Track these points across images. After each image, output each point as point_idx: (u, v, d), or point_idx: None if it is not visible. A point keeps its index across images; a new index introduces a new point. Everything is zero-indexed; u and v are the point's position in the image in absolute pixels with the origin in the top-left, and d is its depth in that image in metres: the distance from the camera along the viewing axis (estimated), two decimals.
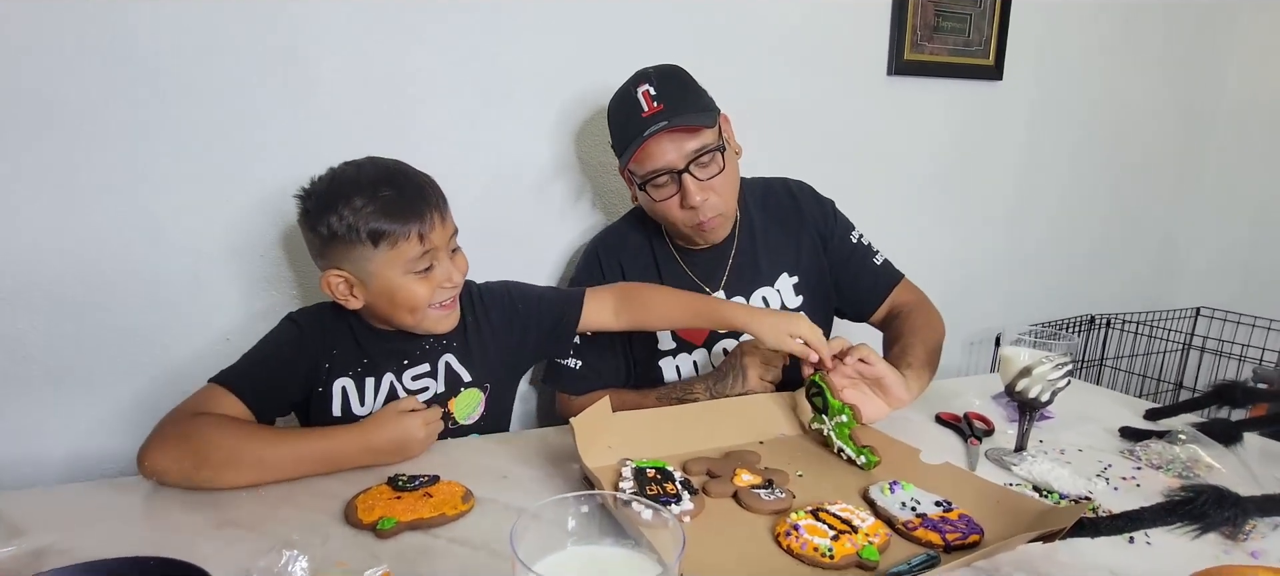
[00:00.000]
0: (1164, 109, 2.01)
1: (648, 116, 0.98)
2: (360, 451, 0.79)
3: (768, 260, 1.13)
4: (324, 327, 0.90)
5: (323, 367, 0.88)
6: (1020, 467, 0.85)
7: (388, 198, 0.81)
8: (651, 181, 1.01)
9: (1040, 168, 1.86)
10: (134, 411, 1.06)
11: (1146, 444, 0.93)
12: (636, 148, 0.99)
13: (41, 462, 1.03)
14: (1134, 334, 2.00)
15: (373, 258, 0.82)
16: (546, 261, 1.32)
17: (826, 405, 0.88)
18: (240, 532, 0.66)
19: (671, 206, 1.03)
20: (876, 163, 1.63)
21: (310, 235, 0.85)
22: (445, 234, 0.86)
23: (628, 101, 1.01)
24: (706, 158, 1.00)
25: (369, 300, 0.85)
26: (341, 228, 0.81)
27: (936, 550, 0.66)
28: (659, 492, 0.73)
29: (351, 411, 0.89)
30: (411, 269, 0.83)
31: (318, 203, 0.83)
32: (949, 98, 1.68)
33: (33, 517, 0.67)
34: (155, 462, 0.72)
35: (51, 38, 0.93)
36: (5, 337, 0.98)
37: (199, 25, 1.00)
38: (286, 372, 0.87)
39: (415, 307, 0.85)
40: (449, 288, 0.87)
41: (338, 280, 0.84)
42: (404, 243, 0.82)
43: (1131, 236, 2.08)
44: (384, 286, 0.83)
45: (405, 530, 0.66)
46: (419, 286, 0.84)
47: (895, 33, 1.58)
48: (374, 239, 0.81)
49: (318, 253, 0.85)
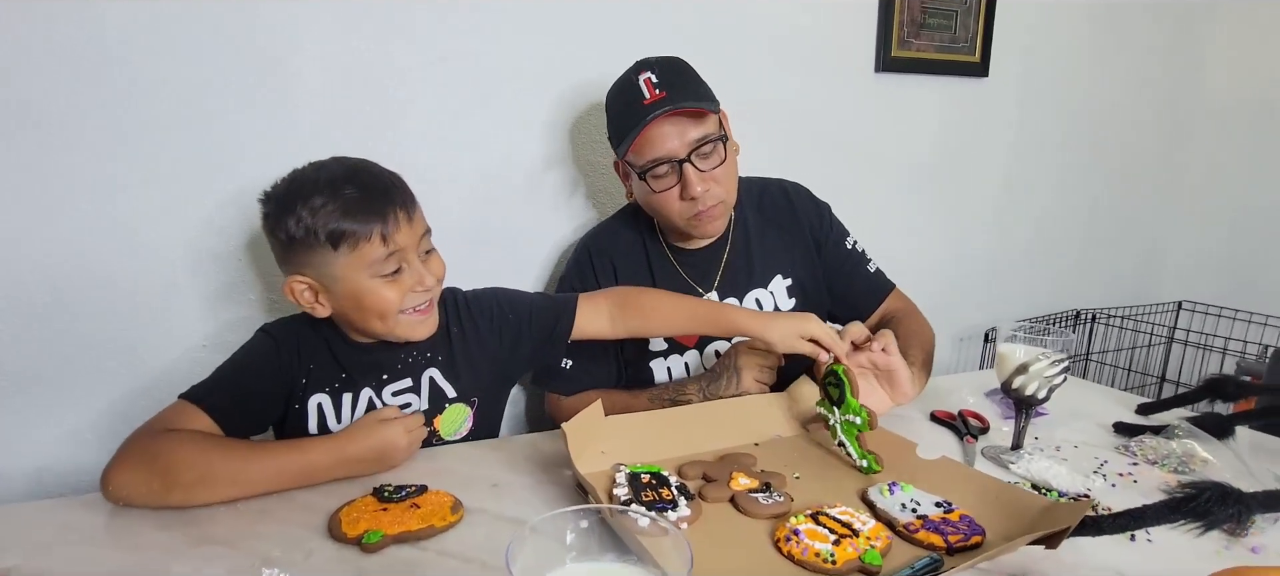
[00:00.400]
0: (1147, 105, 2.03)
1: (649, 103, 0.95)
2: (338, 463, 0.75)
3: (761, 261, 1.12)
4: (299, 340, 0.85)
5: (299, 383, 0.84)
6: (1018, 466, 0.84)
7: (349, 196, 0.77)
8: (651, 171, 0.98)
9: (1027, 163, 1.87)
10: (106, 421, 1.02)
11: (1141, 439, 0.92)
12: (637, 134, 0.96)
13: (8, 477, 0.99)
14: (1119, 328, 2.02)
15: (334, 261, 0.77)
16: (537, 261, 1.29)
17: (842, 398, 0.85)
18: (217, 550, 0.63)
19: (670, 198, 1.00)
20: (865, 159, 1.62)
21: (271, 240, 0.81)
22: (414, 235, 0.81)
23: (628, 89, 0.99)
24: (708, 147, 0.98)
25: (336, 307, 0.81)
26: (300, 230, 0.76)
27: (939, 553, 0.65)
28: (655, 498, 0.71)
29: (328, 429, 0.85)
30: (377, 272, 0.79)
31: (277, 205, 0.78)
32: (936, 94, 1.68)
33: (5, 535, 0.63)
34: (121, 485, 0.68)
35: (18, 38, 0.89)
36: None
37: (173, 25, 0.96)
38: (261, 388, 0.82)
39: (385, 313, 0.80)
40: (422, 291, 0.82)
41: (301, 286, 0.79)
42: (366, 244, 0.77)
43: (1116, 232, 2.09)
44: (349, 290, 0.79)
45: (392, 543, 0.64)
46: (387, 290, 0.79)
47: (882, 29, 1.57)
48: (333, 240, 0.76)
49: (280, 257, 0.81)
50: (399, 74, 1.11)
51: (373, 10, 1.08)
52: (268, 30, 1.01)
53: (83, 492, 0.73)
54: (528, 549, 0.39)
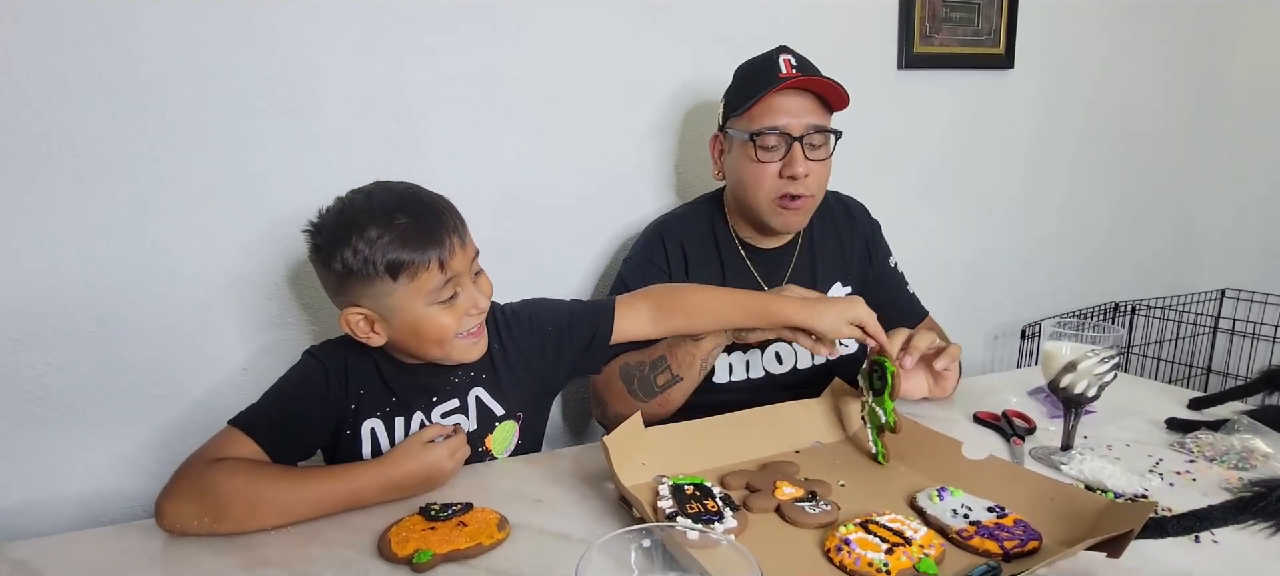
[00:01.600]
0: (1175, 88, 1.98)
1: (784, 76, 0.99)
2: (384, 487, 0.75)
3: (823, 267, 1.14)
4: (347, 366, 0.84)
5: (348, 409, 0.83)
6: (1069, 467, 0.82)
7: (404, 226, 0.76)
8: (762, 138, 1.00)
9: (1054, 154, 1.84)
10: (153, 447, 1.04)
11: (1197, 435, 0.90)
12: (761, 97, 0.99)
13: (61, 503, 1.01)
14: (1159, 319, 1.97)
15: (393, 292, 0.76)
16: (561, 272, 1.30)
17: (882, 392, 0.85)
18: (271, 572, 0.63)
19: (768, 172, 1.01)
20: (889, 158, 1.60)
21: (324, 272, 0.79)
22: (466, 258, 0.81)
23: (765, 63, 1.03)
24: (820, 138, 1.02)
25: (392, 336, 0.80)
26: (357, 262, 0.75)
27: (996, 559, 0.64)
28: (700, 510, 0.70)
29: (381, 452, 0.84)
30: (435, 299, 0.78)
31: (329, 237, 0.77)
32: (960, 88, 1.66)
33: (57, 566, 0.65)
34: (175, 515, 0.68)
35: (55, 72, 0.92)
36: (23, 377, 0.96)
37: (201, 54, 0.98)
38: (312, 415, 0.82)
39: (443, 339, 0.79)
40: (475, 314, 0.81)
41: (357, 317, 0.78)
42: (425, 273, 0.76)
43: (1150, 219, 2.04)
44: (407, 321, 0.78)
45: (442, 562, 0.64)
46: (444, 316, 0.79)
47: (903, 26, 1.56)
48: (393, 272, 0.75)
49: (334, 289, 0.80)
50: (420, 92, 1.13)
51: (390, 31, 1.09)
52: (290, 55, 1.03)
53: (135, 518, 0.74)
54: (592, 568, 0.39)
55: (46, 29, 0.90)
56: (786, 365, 1.12)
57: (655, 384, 0.97)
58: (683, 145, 1.36)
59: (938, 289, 1.69)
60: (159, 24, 0.95)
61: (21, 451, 0.97)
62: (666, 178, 1.36)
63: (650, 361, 0.98)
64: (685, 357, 0.96)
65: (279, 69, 1.03)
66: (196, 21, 0.97)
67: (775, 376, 1.11)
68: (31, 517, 0.99)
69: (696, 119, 1.36)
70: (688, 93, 1.34)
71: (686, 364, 0.96)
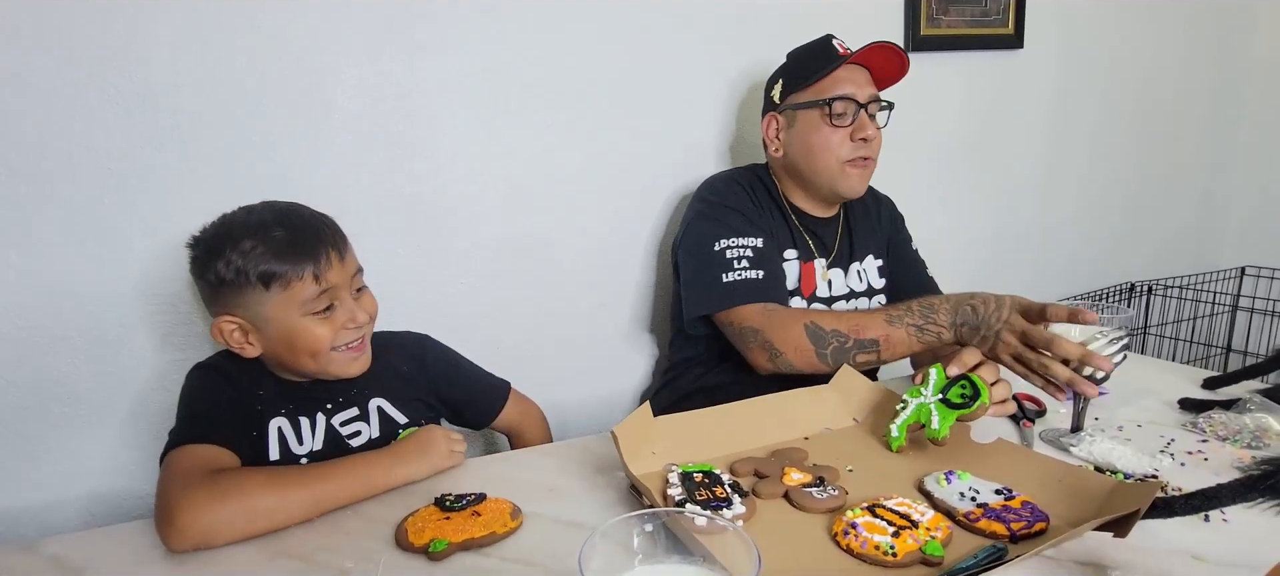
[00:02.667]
0: (1193, 63, 1.94)
1: (845, 54, 1.09)
2: (393, 460, 0.79)
3: (860, 240, 1.22)
4: (240, 370, 0.85)
5: (254, 409, 0.84)
6: (1079, 448, 0.82)
7: (279, 238, 0.78)
8: (834, 104, 1.08)
9: (1068, 133, 1.81)
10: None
11: (1210, 415, 0.89)
12: (832, 70, 1.09)
13: (89, 500, 1.04)
14: (1177, 299, 1.94)
15: (266, 301, 0.78)
16: (572, 268, 1.31)
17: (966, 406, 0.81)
18: (294, 563, 0.66)
19: (839, 137, 1.09)
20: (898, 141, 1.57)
21: (200, 283, 0.81)
22: (346, 273, 0.82)
23: (822, 45, 1.13)
24: (878, 108, 1.12)
25: (266, 347, 0.81)
26: (230, 272, 0.77)
27: (1003, 541, 0.64)
28: (709, 497, 0.71)
29: (291, 452, 0.84)
30: (310, 310, 0.79)
31: (205, 249, 0.79)
32: (969, 70, 1.64)
33: (93, 560, 0.67)
34: (198, 528, 0.67)
35: (75, 85, 0.94)
36: (51, 379, 0.99)
37: (213, 59, 1.00)
38: (233, 415, 0.82)
39: (316, 351, 0.80)
40: (353, 328, 0.82)
41: (231, 326, 0.79)
42: (298, 283, 0.78)
43: (1167, 198, 2.01)
44: (281, 331, 0.79)
45: (457, 551, 0.66)
46: (319, 327, 0.80)
47: (909, 9, 1.54)
48: (265, 281, 0.77)
49: (209, 299, 0.81)
50: (428, 92, 1.14)
51: (400, 32, 1.10)
52: (301, 57, 1.05)
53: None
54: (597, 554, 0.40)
55: (65, 45, 0.93)
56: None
57: (855, 360, 0.98)
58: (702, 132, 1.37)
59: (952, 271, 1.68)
60: (171, 33, 0.97)
61: (50, 450, 1.01)
62: (682, 167, 1.37)
63: (857, 340, 0.98)
64: (903, 348, 0.96)
65: (290, 71, 1.05)
66: (208, 29, 0.99)
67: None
68: (61, 514, 1.03)
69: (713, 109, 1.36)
70: (703, 83, 1.35)
71: (901, 352, 0.97)
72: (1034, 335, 0.84)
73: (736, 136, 1.41)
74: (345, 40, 1.07)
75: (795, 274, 1.14)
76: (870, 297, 1.20)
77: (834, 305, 1.16)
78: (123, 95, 0.96)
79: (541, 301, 1.29)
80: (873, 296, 1.21)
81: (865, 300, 1.20)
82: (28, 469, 1.00)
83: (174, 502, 0.68)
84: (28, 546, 0.70)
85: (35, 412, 0.99)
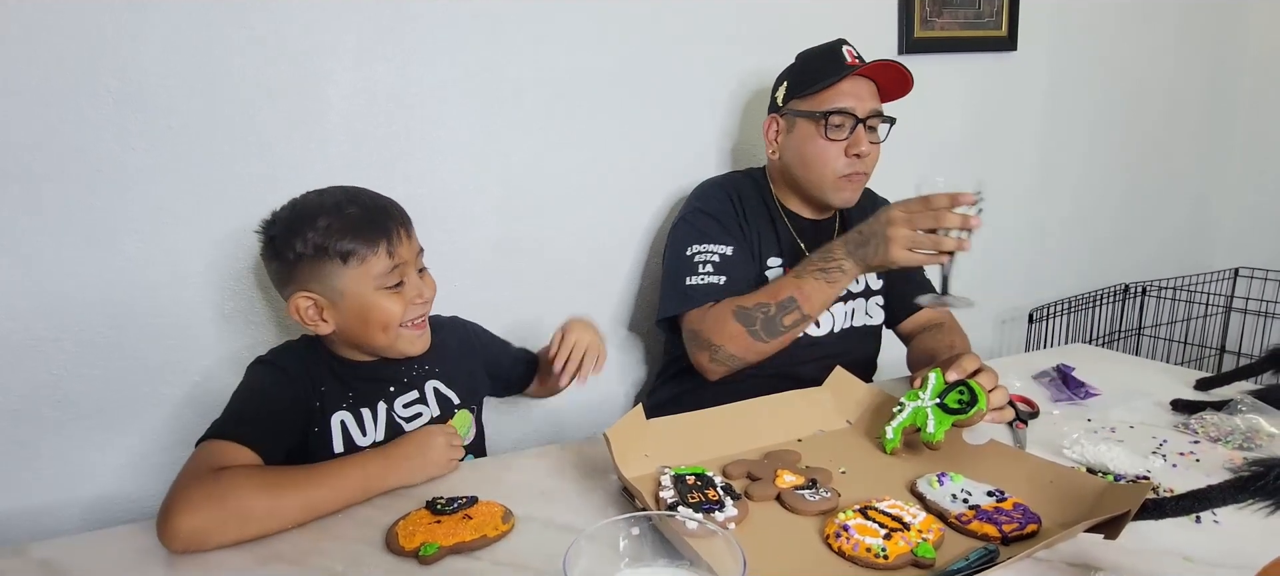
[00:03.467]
0: (1186, 66, 1.95)
1: (852, 64, 1.08)
2: (388, 464, 0.79)
3: None
4: (302, 364, 0.86)
5: (314, 406, 0.85)
6: (1072, 450, 0.82)
7: (354, 215, 0.82)
8: (833, 116, 1.07)
9: (1061, 136, 1.82)
10: (169, 447, 1.07)
11: (1202, 416, 0.89)
12: (834, 83, 1.07)
13: (79, 504, 1.04)
14: (1171, 300, 1.95)
15: (343, 275, 0.81)
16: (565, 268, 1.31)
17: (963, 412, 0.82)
18: (285, 567, 0.65)
19: (835, 150, 1.09)
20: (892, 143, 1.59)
21: (276, 264, 0.84)
22: (412, 250, 0.86)
23: (831, 52, 1.11)
24: (877, 122, 1.11)
25: (339, 322, 0.83)
26: (309, 249, 0.80)
27: (994, 543, 0.64)
28: (701, 499, 0.71)
29: (355, 444, 0.86)
30: (382, 284, 0.83)
31: (283, 228, 0.82)
32: (963, 72, 1.64)
33: (83, 564, 0.67)
34: (193, 530, 0.67)
35: (67, 87, 0.94)
36: (42, 382, 0.99)
37: (207, 63, 1.00)
38: (283, 412, 0.83)
39: (388, 324, 0.83)
40: (420, 304, 0.86)
41: (306, 303, 0.82)
42: (373, 257, 0.81)
43: (1161, 200, 2.02)
44: (355, 304, 0.82)
45: (448, 554, 0.66)
46: (391, 302, 0.83)
47: (903, 11, 1.55)
48: (343, 256, 0.80)
49: (285, 279, 0.83)
50: (422, 93, 1.14)
51: (393, 34, 1.10)
52: (295, 61, 1.05)
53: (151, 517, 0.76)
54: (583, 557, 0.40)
55: (57, 46, 0.92)
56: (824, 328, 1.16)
57: (782, 324, 1.01)
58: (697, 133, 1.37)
59: None
60: (165, 36, 0.97)
61: (41, 454, 1.00)
62: (679, 168, 1.37)
63: (777, 303, 1.01)
64: (819, 298, 1.00)
65: (284, 75, 1.05)
66: (202, 31, 0.99)
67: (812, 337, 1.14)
68: (54, 517, 1.02)
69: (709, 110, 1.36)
70: (698, 84, 1.35)
71: (820, 303, 1.00)
72: (915, 208, 0.92)
73: (737, 139, 1.41)
74: (338, 42, 1.07)
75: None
76: (867, 298, 1.20)
77: (831, 308, 1.15)
78: (114, 97, 0.96)
79: (535, 303, 1.28)
80: (871, 297, 1.21)
81: (862, 301, 1.20)
82: (21, 472, 0.99)
83: (172, 502, 0.68)
84: (17, 549, 0.70)
85: (27, 416, 0.98)
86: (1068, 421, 0.93)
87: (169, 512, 0.67)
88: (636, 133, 1.32)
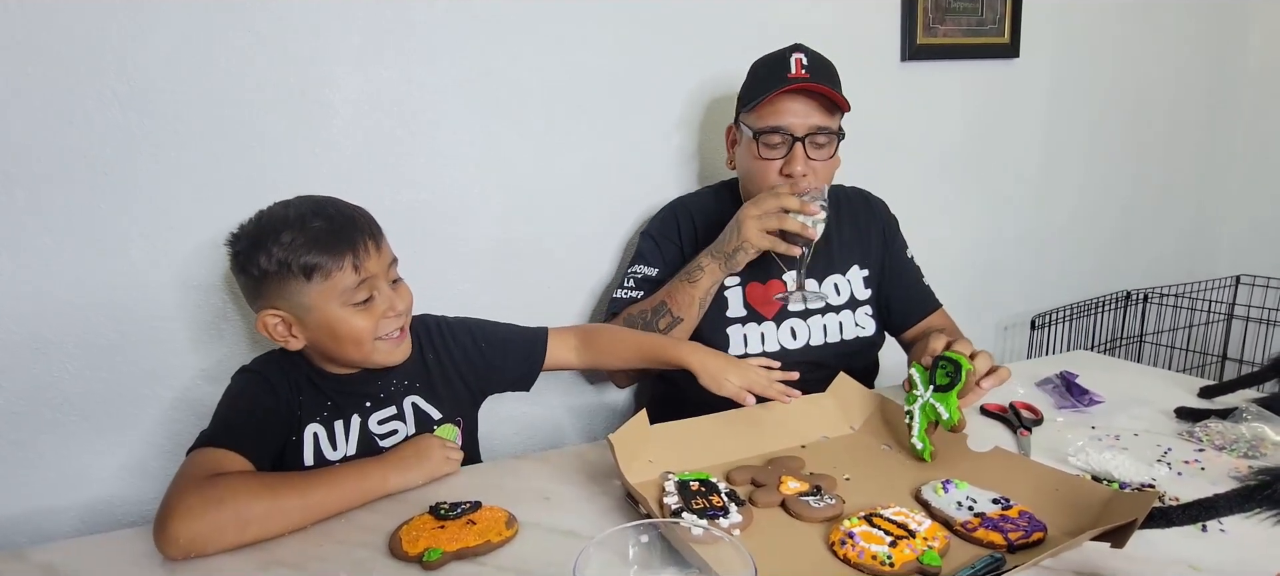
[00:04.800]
0: (1188, 73, 1.96)
1: (792, 77, 1.02)
2: (387, 467, 0.79)
3: (840, 251, 1.17)
4: (283, 372, 0.86)
5: (294, 415, 0.85)
6: (1077, 458, 0.82)
7: (318, 229, 0.79)
8: (765, 137, 1.04)
9: (1063, 143, 1.82)
10: (170, 452, 1.06)
11: (1206, 424, 0.89)
12: (768, 96, 1.02)
13: (79, 508, 1.03)
14: (1173, 307, 1.95)
15: (307, 291, 0.79)
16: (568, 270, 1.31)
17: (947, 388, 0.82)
18: (285, 572, 0.65)
19: (770, 169, 1.05)
20: (894, 150, 1.60)
21: (243, 278, 0.82)
22: (382, 263, 0.84)
23: (777, 61, 1.06)
24: (824, 138, 1.05)
25: (309, 338, 0.82)
26: (272, 265, 0.78)
27: (1000, 551, 0.64)
28: (705, 505, 0.71)
29: (325, 457, 0.85)
30: (349, 300, 0.81)
31: (248, 243, 0.80)
32: (965, 79, 1.65)
33: (85, 568, 0.67)
34: (192, 536, 0.66)
35: (72, 90, 0.94)
36: (43, 384, 0.98)
37: (211, 68, 1.00)
38: (270, 420, 0.83)
39: (360, 340, 0.82)
40: (393, 317, 0.84)
41: (274, 320, 0.81)
42: (338, 273, 0.79)
43: (1163, 207, 2.02)
44: (322, 320, 0.80)
45: (452, 560, 0.65)
46: (359, 318, 0.81)
47: (906, 17, 1.55)
48: (307, 272, 0.78)
49: (252, 294, 0.82)
50: (426, 97, 1.14)
51: (396, 39, 1.10)
52: (299, 66, 1.05)
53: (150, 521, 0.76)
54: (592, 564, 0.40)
55: (62, 50, 0.93)
56: (800, 341, 1.14)
57: (657, 327, 1.06)
58: (699, 139, 1.37)
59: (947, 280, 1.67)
60: (169, 40, 0.97)
61: (45, 457, 1.00)
62: (683, 171, 1.37)
63: (652, 308, 1.07)
64: (684, 299, 1.05)
65: (289, 79, 1.05)
66: (206, 36, 0.99)
67: (790, 351, 1.13)
68: (54, 521, 1.02)
69: (710, 112, 1.37)
70: (701, 86, 1.35)
71: (686, 304, 1.05)
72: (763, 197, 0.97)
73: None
74: (343, 48, 1.07)
75: (740, 299, 1.12)
76: (853, 309, 1.15)
77: (809, 320, 1.13)
78: (119, 100, 0.96)
79: (537, 305, 1.28)
80: (857, 308, 1.16)
81: (849, 313, 1.15)
82: (22, 475, 0.99)
83: (169, 508, 0.67)
84: (18, 554, 0.69)
85: (28, 419, 0.98)
86: (1072, 429, 0.93)
87: (166, 519, 0.67)
88: (638, 136, 1.32)
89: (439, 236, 1.19)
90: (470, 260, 1.22)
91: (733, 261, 1.01)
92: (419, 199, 1.16)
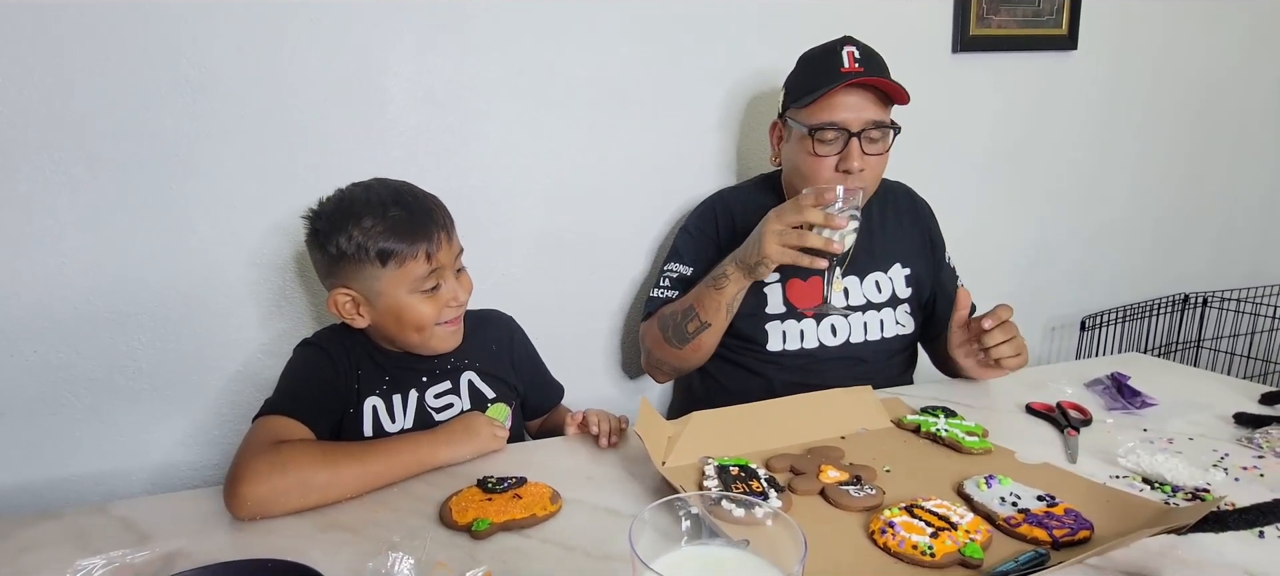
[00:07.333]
0: (1255, 66, 1.86)
1: (846, 71, 1.01)
2: (437, 441, 0.82)
3: (883, 248, 1.16)
4: (343, 347, 0.89)
5: (353, 388, 0.88)
6: (1127, 459, 0.80)
7: (396, 217, 0.82)
8: (820, 132, 1.03)
9: (1120, 138, 1.76)
10: (231, 420, 1.12)
11: (1267, 430, 0.86)
12: (824, 93, 1.01)
13: (150, 469, 1.10)
14: (1234, 312, 1.87)
15: (381, 276, 0.82)
16: (610, 262, 1.33)
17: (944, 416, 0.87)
18: (344, 536, 0.68)
19: (825, 165, 1.04)
20: (944, 145, 1.57)
21: (319, 255, 0.86)
22: (452, 253, 0.87)
23: (829, 55, 1.05)
24: (879, 133, 1.04)
25: (375, 319, 0.86)
26: (350, 247, 0.81)
27: (1045, 547, 0.63)
28: (744, 490, 0.72)
29: (383, 429, 0.89)
30: (418, 288, 0.84)
31: (327, 222, 0.83)
32: (1019, 71, 1.60)
33: (158, 524, 0.71)
34: (259, 499, 0.70)
35: (149, 78, 0.99)
36: (118, 354, 1.05)
37: (276, 57, 1.05)
38: (329, 391, 0.87)
39: (422, 326, 0.85)
40: (454, 306, 0.87)
41: (345, 298, 0.84)
42: (412, 262, 0.82)
43: (1225, 207, 1.93)
44: (390, 305, 0.84)
45: (499, 531, 0.68)
46: (425, 305, 0.85)
47: (959, 9, 1.52)
48: (382, 258, 0.81)
49: (326, 271, 0.86)
50: (476, 87, 1.17)
51: (452, 31, 1.14)
52: (358, 55, 1.09)
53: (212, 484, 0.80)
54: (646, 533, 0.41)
55: (141, 40, 0.98)
56: (840, 338, 1.13)
57: (686, 331, 1.07)
58: (743, 133, 1.37)
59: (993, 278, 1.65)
60: (238, 30, 1.02)
61: (118, 422, 1.07)
62: (727, 165, 1.38)
63: (682, 310, 1.08)
64: (711, 304, 1.04)
65: (348, 68, 1.09)
66: (272, 27, 1.04)
67: (829, 348, 1.12)
68: (126, 482, 1.09)
69: (756, 106, 1.37)
70: (747, 80, 1.35)
71: (712, 310, 1.05)
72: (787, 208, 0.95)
73: None
74: (401, 39, 1.11)
75: (779, 296, 1.11)
76: (894, 307, 1.14)
77: (849, 317, 1.12)
78: (191, 85, 1.02)
79: (580, 295, 1.31)
80: (897, 306, 1.14)
81: (890, 310, 1.14)
82: (97, 437, 1.06)
83: (238, 472, 0.72)
84: (100, 508, 0.74)
85: (104, 386, 1.05)
86: (1122, 431, 0.91)
87: (236, 481, 0.71)
88: (680, 130, 1.32)
89: (485, 223, 1.22)
90: (515, 248, 1.25)
91: (755, 273, 1.00)
92: (468, 185, 1.20)
